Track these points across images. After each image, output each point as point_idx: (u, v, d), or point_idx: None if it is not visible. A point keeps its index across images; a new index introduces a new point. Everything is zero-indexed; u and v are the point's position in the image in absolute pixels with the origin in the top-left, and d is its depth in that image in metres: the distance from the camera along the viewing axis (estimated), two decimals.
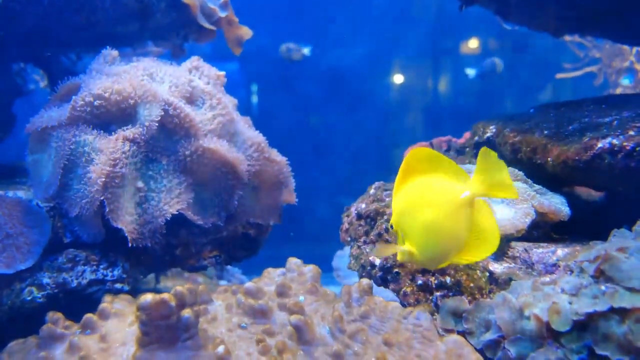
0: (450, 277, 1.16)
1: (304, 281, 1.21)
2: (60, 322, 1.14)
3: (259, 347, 1.01)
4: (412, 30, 4.58)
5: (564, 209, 1.20)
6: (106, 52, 1.51)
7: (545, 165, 1.26)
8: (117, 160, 1.25)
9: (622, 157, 1.11)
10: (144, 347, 0.93)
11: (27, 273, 1.25)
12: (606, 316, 0.88)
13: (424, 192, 0.97)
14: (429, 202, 0.95)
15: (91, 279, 1.31)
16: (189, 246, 1.49)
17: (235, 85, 4.29)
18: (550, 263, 1.11)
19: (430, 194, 0.96)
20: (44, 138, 1.35)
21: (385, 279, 1.29)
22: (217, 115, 1.43)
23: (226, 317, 1.13)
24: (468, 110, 4.25)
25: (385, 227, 1.37)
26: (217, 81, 1.56)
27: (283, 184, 1.57)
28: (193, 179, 1.38)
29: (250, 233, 1.61)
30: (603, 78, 3.75)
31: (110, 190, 1.24)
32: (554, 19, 1.86)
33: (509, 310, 0.98)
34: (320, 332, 1.05)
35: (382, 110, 4.65)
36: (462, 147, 1.89)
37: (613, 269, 0.92)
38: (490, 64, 3.76)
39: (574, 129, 1.26)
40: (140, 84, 1.34)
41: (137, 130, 1.30)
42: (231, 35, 1.95)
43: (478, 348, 1.01)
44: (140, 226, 1.29)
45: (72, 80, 1.43)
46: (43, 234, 1.28)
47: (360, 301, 1.12)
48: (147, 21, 1.80)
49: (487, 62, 3.79)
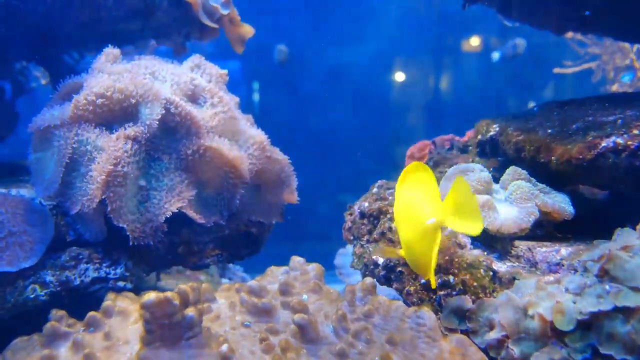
0: (453, 276, 1.16)
1: (307, 280, 1.21)
2: (64, 320, 1.14)
3: (262, 346, 1.01)
4: (414, 28, 4.57)
5: (567, 208, 1.20)
6: (108, 50, 1.50)
7: (549, 164, 1.26)
8: (119, 159, 1.25)
9: (626, 156, 1.11)
10: (148, 345, 0.93)
11: (30, 271, 1.25)
12: (610, 315, 0.87)
13: (405, 208, 1.05)
14: (407, 219, 1.04)
15: (94, 277, 1.31)
16: (191, 244, 1.49)
17: (237, 83, 4.29)
18: (554, 262, 1.11)
19: (408, 211, 1.04)
20: (46, 137, 1.35)
21: (388, 277, 1.29)
22: (219, 114, 1.43)
23: (229, 315, 1.13)
24: (470, 108, 4.25)
25: (389, 225, 1.37)
26: (219, 79, 1.56)
27: (285, 183, 1.57)
28: (195, 178, 1.38)
29: (252, 231, 1.60)
30: (601, 75, 3.75)
31: (112, 189, 1.24)
32: (555, 17, 1.86)
33: (513, 309, 0.98)
34: (324, 330, 1.05)
35: (385, 109, 4.64)
36: (465, 145, 1.89)
37: (617, 268, 0.92)
38: (512, 46, 3.79)
39: (578, 128, 1.25)
40: (142, 83, 1.33)
41: (138, 129, 1.30)
42: (233, 33, 1.94)
43: (481, 347, 1.01)
44: (142, 224, 1.29)
45: (74, 79, 1.43)
46: (46, 232, 1.28)
47: (364, 300, 1.12)
48: (149, 19, 1.79)
49: (509, 44, 3.82)
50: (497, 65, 4.56)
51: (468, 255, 1.18)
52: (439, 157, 1.80)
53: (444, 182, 1.34)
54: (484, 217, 1.16)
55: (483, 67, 4.62)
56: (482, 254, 1.17)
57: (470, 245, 1.21)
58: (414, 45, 4.56)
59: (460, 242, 1.22)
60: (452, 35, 4.55)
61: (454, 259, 1.18)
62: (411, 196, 1.04)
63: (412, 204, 1.03)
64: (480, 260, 1.15)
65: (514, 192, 1.23)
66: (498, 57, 3.96)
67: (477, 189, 1.24)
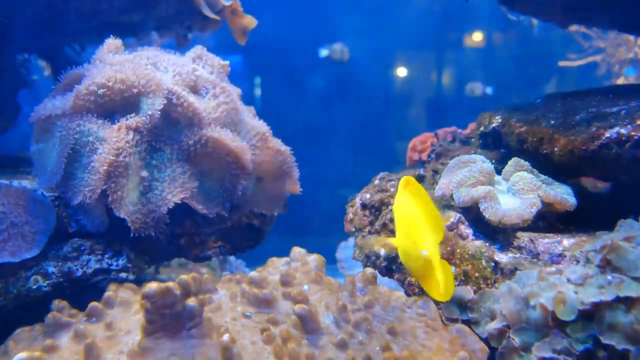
0: (455, 266, 1.15)
1: (308, 270, 1.21)
2: (66, 310, 1.15)
3: (263, 336, 1.01)
4: (417, 21, 4.55)
5: (570, 199, 1.19)
6: (110, 41, 1.50)
7: (552, 155, 1.25)
8: (121, 150, 1.25)
9: (629, 147, 1.10)
10: (149, 336, 0.93)
11: (33, 262, 1.26)
12: (612, 306, 0.87)
13: (405, 221, 1.07)
14: (404, 233, 1.06)
15: (96, 268, 1.31)
16: (194, 236, 1.49)
17: (238, 76, 4.28)
18: (556, 253, 1.10)
19: (406, 227, 1.06)
20: (48, 127, 1.35)
21: (390, 269, 1.29)
22: (221, 104, 1.42)
23: (230, 306, 1.13)
24: (472, 101, 4.23)
25: (390, 217, 1.37)
26: (221, 70, 1.56)
27: (287, 174, 1.57)
28: (197, 169, 1.37)
29: (255, 223, 1.60)
30: (606, 68, 3.73)
31: (113, 180, 1.24)
32: (560, 9, 1.85)
33: (515, 299, 0.98)
34: (324, 321, 1.05)
35: (387, 102, 4.63)
36: (468, 137, 1.88)
37: (619, 258, 0.91)
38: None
39: (581, 119, 1.25)
40: (143, 73, 1.33)
41: (140, 120, 1.30)
42: (235, 24, 1.94)
43: (483, 337, 1.01)
44: (144, 215, 1.29)
45: (75, 70, 1.43)
46: (48, 223, 1.29)
47: (364, 290, 1.12)
48: (151, 10, 1.79)
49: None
50: (500, 59, 4.54)
51: (470, 246, 1.18)
52: (441, 149, 1.80)
53: (446, 174, 1.33)
54: (486, 208, 1.16)
55: (485, 61, 4.60)
56: (484, 245, 1.17)
57: (472, 236, 1.21)
58: (417, 39, 4.54)
59: (462, 232, 1.22)
60: (455, 29, 4.53)
61: (456, 250, 1.18)
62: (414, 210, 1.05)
63: (414, 220, 1.04)
64: (482, 251, 1.15)
65: (516, 183, 1.22)
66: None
67: (479, 180, 1.24)
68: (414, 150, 2.12)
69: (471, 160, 1.32)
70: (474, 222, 1.23)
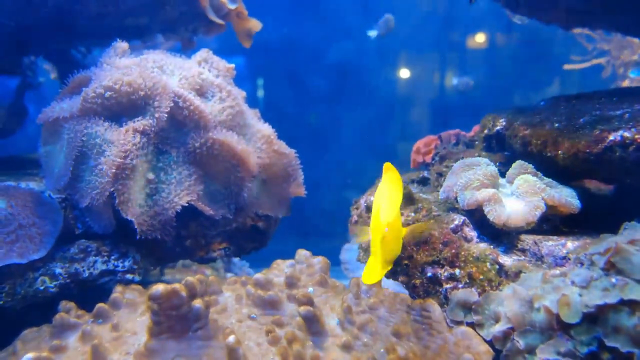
0: (460, 269, 1.16)
1: (313, 272, 1.22)
2: (73, 311, 1.16)
3: (268, 338, 1.02)
4: (421, 23, 4.56)
5: (574, 201, 1.19)
6: (116, 44, 1.51)
7: (556, 158, 1.25)
8: (128, 152, 1.26)
9: (633, 150, 1.11)
10: (155, 337, 0.94)
11: (40, 263, 1.27)
12: (616, 308, 0.87)
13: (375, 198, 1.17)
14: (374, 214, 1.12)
15: (102, 270, 1.32)
16: (199, 238, 1.50)
17: (242, 79, 4.29)
18: (560, 256, 1.10)
19: (375, 203, 1.14)
20: (56, 129, 1.36)
21: (394, 271, 1.30)
22: (226, 107, 1.43)
23: (236, 307, 1.14)
24: (476, 104, 4.23)
25: None
26: (227, 73, 1.57)
27: (292, 177, 1.58)
28: (203, 171, 1.38)
29: (259, 225, 1.61)
30: (611, 70, 3.72)
31: (120, 182, 1.25)
32: (563, 11, 1.85)
33: (519, 302, 0.99)
34: (329, 323, 1.06)
35: (390, 104, 4.63)
36: (471, 140, 1.89)
37: (624, 261, 0.92)
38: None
39: (585, 122, 1.25)
40: (150, 76, 1.34)
41: (147, 122, 1.31)
42: (240, 28, 1.95)
43: (487, 339, 1.01)
44: (151, 218, 1.30)
45: (82, 73, 1.44)
46: (55, 225, 1.30)
47: (369, 293, 1.13)
48: (157, 14, 1.80)
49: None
50: (504, 62, 4.54)
51: (474, 248, 1.18)
52: (445, 152, 1.80)
53: (450, 176, 1.34)
54: (490, 210, 1.17)
55: (489, 64, 4.60)
56: (488, 248, 1.18)
57: (477, 238, 1.21)
58: (420, 40, 4.54)
59: (466, 235, 1.22)
60: (459, 31, 4.53)
61: (460, 252, 1.18)
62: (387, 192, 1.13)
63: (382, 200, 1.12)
64: (486, 253, 1.15)
65: (520, 186, 1.23)
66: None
67: (483, 182, 1.24)
68: (418, 152, 2.12)
69: (475, 162, 1.32)
70: (478, 224, 1.24)
